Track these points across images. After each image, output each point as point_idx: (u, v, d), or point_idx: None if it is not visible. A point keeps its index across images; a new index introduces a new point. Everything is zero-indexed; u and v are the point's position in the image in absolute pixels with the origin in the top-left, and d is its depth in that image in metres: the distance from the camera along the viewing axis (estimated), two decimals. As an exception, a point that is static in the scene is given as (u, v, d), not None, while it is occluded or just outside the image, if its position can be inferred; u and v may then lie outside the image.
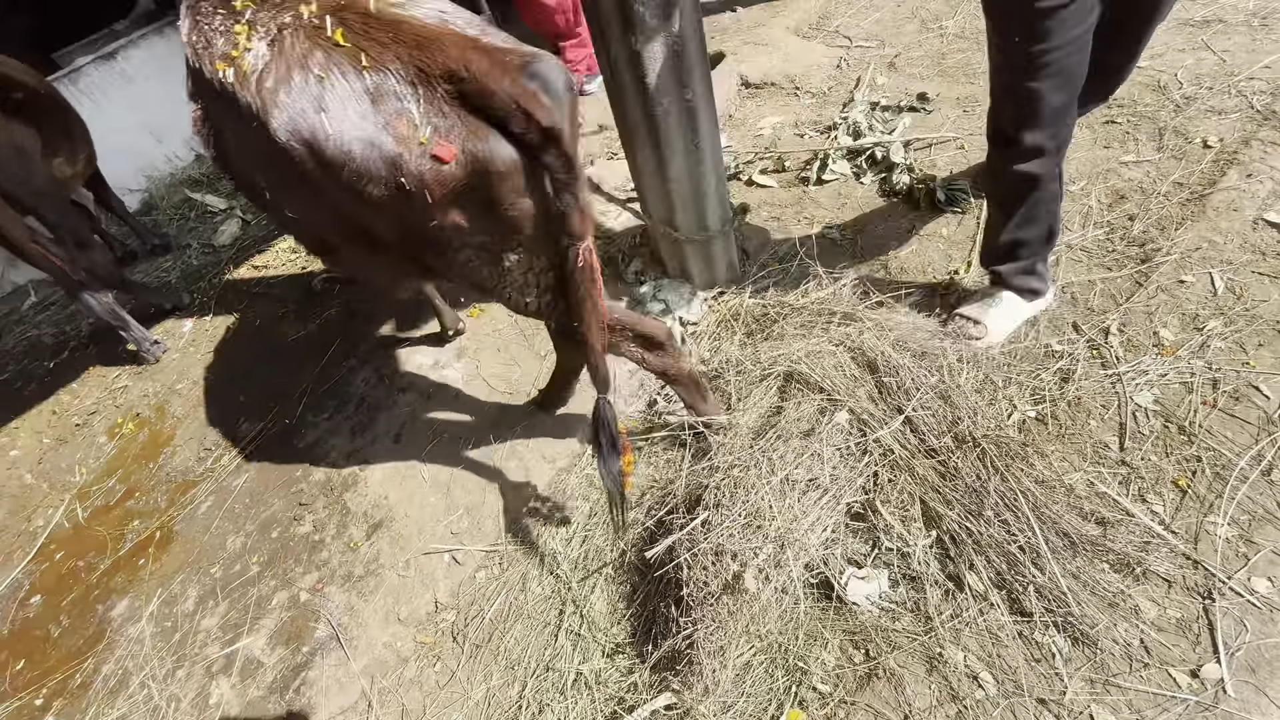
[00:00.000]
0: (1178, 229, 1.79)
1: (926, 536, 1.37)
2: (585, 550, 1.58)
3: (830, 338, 1.71)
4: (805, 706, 1.24)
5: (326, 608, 1.60)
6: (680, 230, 1.88)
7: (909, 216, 2.16)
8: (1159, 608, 1.21)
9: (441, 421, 1.94)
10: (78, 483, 2.15)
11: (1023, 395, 1.57)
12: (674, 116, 1.60)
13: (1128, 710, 1.11)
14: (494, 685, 1.42)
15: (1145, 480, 1.37)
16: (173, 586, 1.75)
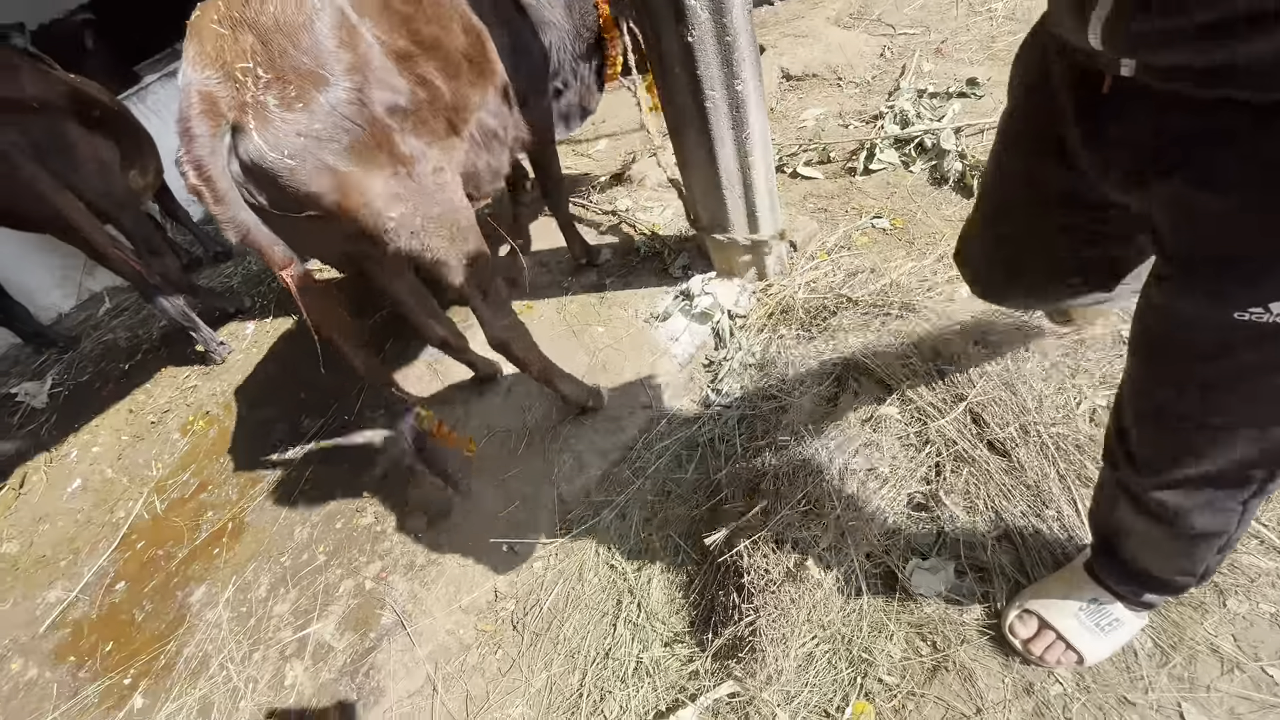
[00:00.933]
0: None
1: (995, 529, 1.33)
2: (640, 540, 1.59)
3: (889, 329, 1.68)
4: (871, 699, 1.22)
5: (391, 595, 1.65)
6: (733, 233, 1.88)
7: (962, 204, 2.11)
8: (1249, 604, 1.15)
9: (495, 416, 1.98)
10: (155, 477, 2.27)
11: (1093, 384, 1.52)
12: (724, 108, 1.61)
13: (1220, 709, 1.06)
14: (555, 673, 1.45)
15: (1231, 470, 1.30)
16: (246, 574, 1.83)
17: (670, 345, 1.96)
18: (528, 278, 2.40)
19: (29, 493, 2.43)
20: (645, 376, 1.91)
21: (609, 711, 1.34)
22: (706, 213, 1.90)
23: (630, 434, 1.82)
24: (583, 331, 2.12)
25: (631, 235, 2.40)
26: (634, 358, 1.97)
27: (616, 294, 2.19)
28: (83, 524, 2.21)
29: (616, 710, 1.34)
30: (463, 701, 1.46)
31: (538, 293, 2.32)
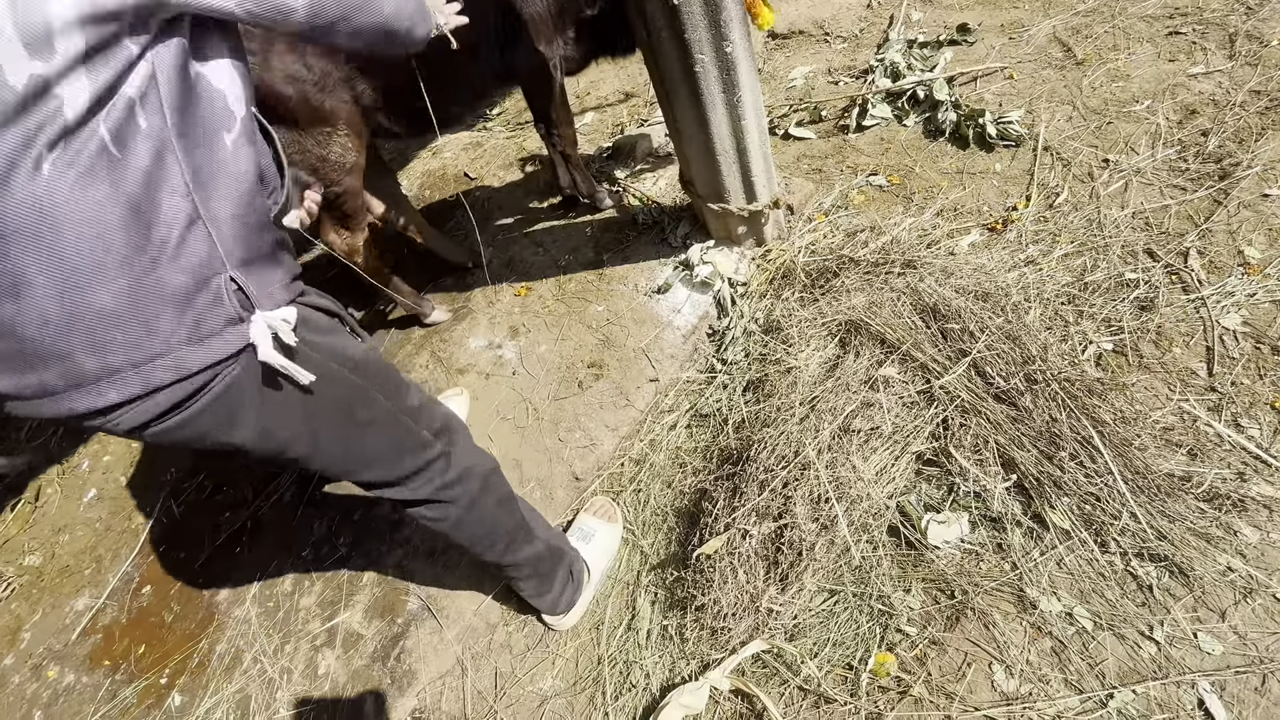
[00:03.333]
0: (1258, 140, 1.68)
1: (1005, 479, 1.35)
2: (655, 511, 1.61)
3: (891, 286, 1.68)
4: (893, 649, 1.25)
5: (414, 581, 1.67)
6: (729, 202, 1.85)
7: (958, 155, 2.09)
8: (1262, 533, 1.17)
9: (503, 400, 1.98)
10: (169, 481, 2.28)
11: (1097, 328, 1.52)
12: (713, 72, 1.57)
13: (1235, 636, 1.09)
14: (580, 644, 1.48)
15: (1238, 405, 1.31)
16: (269, 570, 1.85)
17: (673, 317, 1.96)
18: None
19: (45, 505, 2.44)
20: (649, 350, 1.91)
21: (635, 679, 1.38)
22: (702, 181, 1.87)
23: (639, 408, 1.82)
24: (583, 310, 2.11)
25: (627, 207, 2.37)
26: (637, 332, 1.96)
27: (615, 269, 2.18)
28: (102, 532, 2.23)
29: (642, 678, 1.37)
30: (492, 679, 1.49)
31: (534, 273, 2.30)
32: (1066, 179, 1.85)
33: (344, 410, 0.92)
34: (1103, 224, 1.70)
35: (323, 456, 0.94)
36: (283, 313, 0.80)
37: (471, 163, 3.07)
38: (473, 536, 1.19)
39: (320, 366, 0.86)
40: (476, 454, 1.20)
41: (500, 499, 1.22)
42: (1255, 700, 1.04)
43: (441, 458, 1.09)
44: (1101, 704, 1.09)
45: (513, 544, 1.26)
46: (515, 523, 1.26)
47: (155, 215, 0.69)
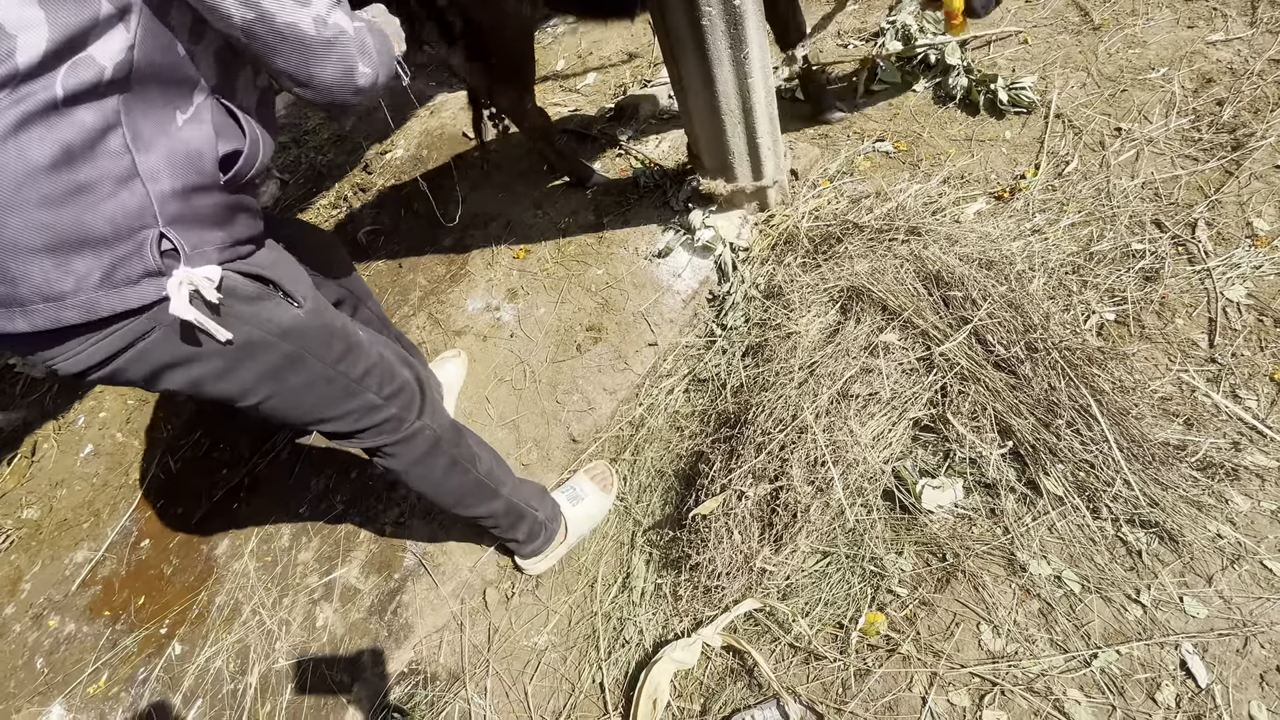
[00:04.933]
0: (1274, 110, 1.65)
1: (1001, 446, 1.35)
2: (648, 473, 1.61)
3: (895, 253, 1.66)
4: (884, 609, 1.28)
5: (411, 539, 1.69)
6: (737, 180, 1.83)
7: (968, 122, 2.04)
8: (1252, 501, 1.18)
9: (501, 362, 1.97)
10: (165, 438, 2.28)
11: (1101, 298, 1.51)
12: (720, 26, 1.52)
13: (1220, 601, 1.11)
14: (574, 601, 1.50)
15: (1238, 376, 1.31)
16: (267, 526, 1.87)
17: (673, 281, 1.94)
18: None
19: (41, 460, 2.44)
20: (649, 314, 1.89)
21: (629, 635, 1.40)
22: (707, 145, 1.83)
23: (637, 372, 1.82)
24: (583, 274, 2.09)
25: (628, 169, 2.33)
26: (636, 296, 1.94)
27: (615, 232, 2.15)
28: (99, 487, 2.24)
29: (635, 634, 1.39)
30: (487, 633, 1.52)
31: (533, 235, 2.27)
32: (1077, 147, 1.82)
33: (274, 373, 0.95)
34: (1111, 194, 1.67)
35: (266, 410, 0.99)
36: (205, 270, 0.81)
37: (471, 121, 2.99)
38: (421, 490, 1.25)
39: (245, 331, 0.88)
40: (435, 418, 1.22)
41: (451, 461, 1.25)
42: (1236, 661, 1.06)
43: (391, 420, 1.12)
44: (1085, 663, 1.11)
45: (462, 502, 1.31)
46: (467, 483, 1.29)
47: (87, 163, 0.71)
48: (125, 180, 0.74)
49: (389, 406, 1.12)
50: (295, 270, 0.99)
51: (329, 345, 1.00)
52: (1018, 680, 1.13)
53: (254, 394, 0.95)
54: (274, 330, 0.92)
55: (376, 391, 1.09)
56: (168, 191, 0.77)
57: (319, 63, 0.82)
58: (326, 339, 1.00)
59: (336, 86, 0.85)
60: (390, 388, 1.12)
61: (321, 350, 0.99)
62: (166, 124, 0.77)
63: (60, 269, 0.71)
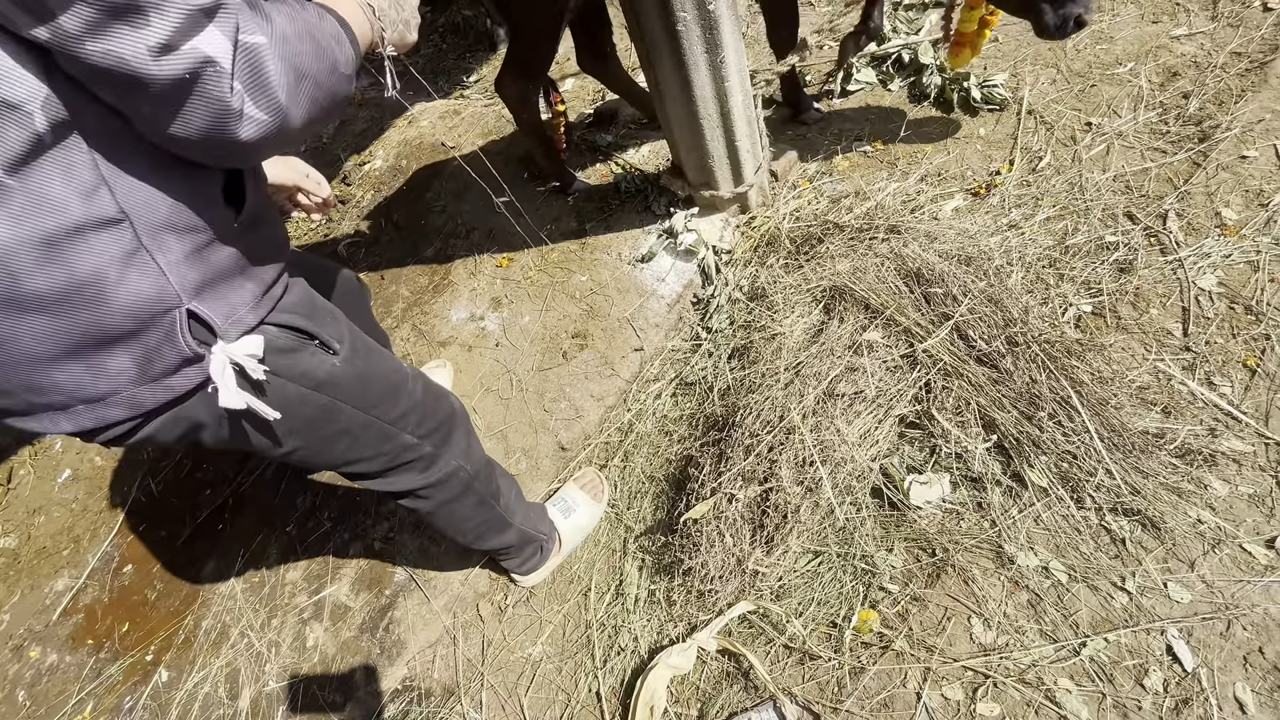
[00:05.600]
0: (1237, 102, 1.69)
1: (986, 440, 1.37)
2: (642, 478, 1.61)
3: (875, 252, 1.67)
4: (876, 606, 1.28)
5: (401, 554, 1.67)
6: (718, 188, 1.84)
7: (943, 120, 2.07)
8: (1230, 486, 1.21)
9: (487, 371, 1.96)
10: (145, 460, 2.24)
11: (1077, 291, 1.53)
12: (696, 30, 1.53)
13: (1203, 585, 1.13)
14: (568, 610, 1.49)
15: (1212, 363, 1.34)
16: (253, 546, 1.84)
17: (657, 286, 1.94)
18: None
19: (17, 487, 2.38)
20: (634, 319, 1.89)
21: (623, 642, 1.39)
22: (687, 152, 1.83)
23: (624, 377, 1.82)
24: (566, 280, 2.08)
25: (609, 174, 2.33)
26: (621, 302, 1.94)
27: (598, 238, 2.15)
28: (79, 513, 2.19)
29: (630, 642, 1.39)
30: (481, 647, 1.50)
31: (516, 243, 2.26)
32: (1050, 143, 1.85)
33: (309, 425, 0.88)
34: (1084, 187, 1.70)
35: (296, 460, 0.92)
36: (246, 345, 0.72)
37: (449, 131, 2.98)
38: (444, 527, 1.21)
39: (278, 386, 0.80)
40: (468, 455, 1.16)
41: (479, 500, 1.21)
42: (1220, 645, 1.08)
43: (422, 459, 1.07)
44: (1075, 652, 1.13)
45: (481, 537, 1.29)
46: (488, 519, 1.27)
47: (77, 251, 0.59)
48: (130, 257, 0.62)
49: (424, 445, 1.05)
50: (326, 310, 0.90)
51: (366, 391, 0.93)
52: (1009, 672, 1.14)
53: (284, 445, 0.88)
54: (309, 384, 0.85)
55: (414, 431, 1.03)
56: (179, 259, 0.66)
57: (166, 112, 0.57)
58: (364, 385, 0.92)
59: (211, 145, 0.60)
60: (430, 424, 1.06)
61: (358, 398, 0.92)
62: (148, 173, 0.63)
63: (91, 372, 0.64)
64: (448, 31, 4.11)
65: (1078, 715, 1.08)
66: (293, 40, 0.61)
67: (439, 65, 3.84)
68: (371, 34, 0.80)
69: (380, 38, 0.81)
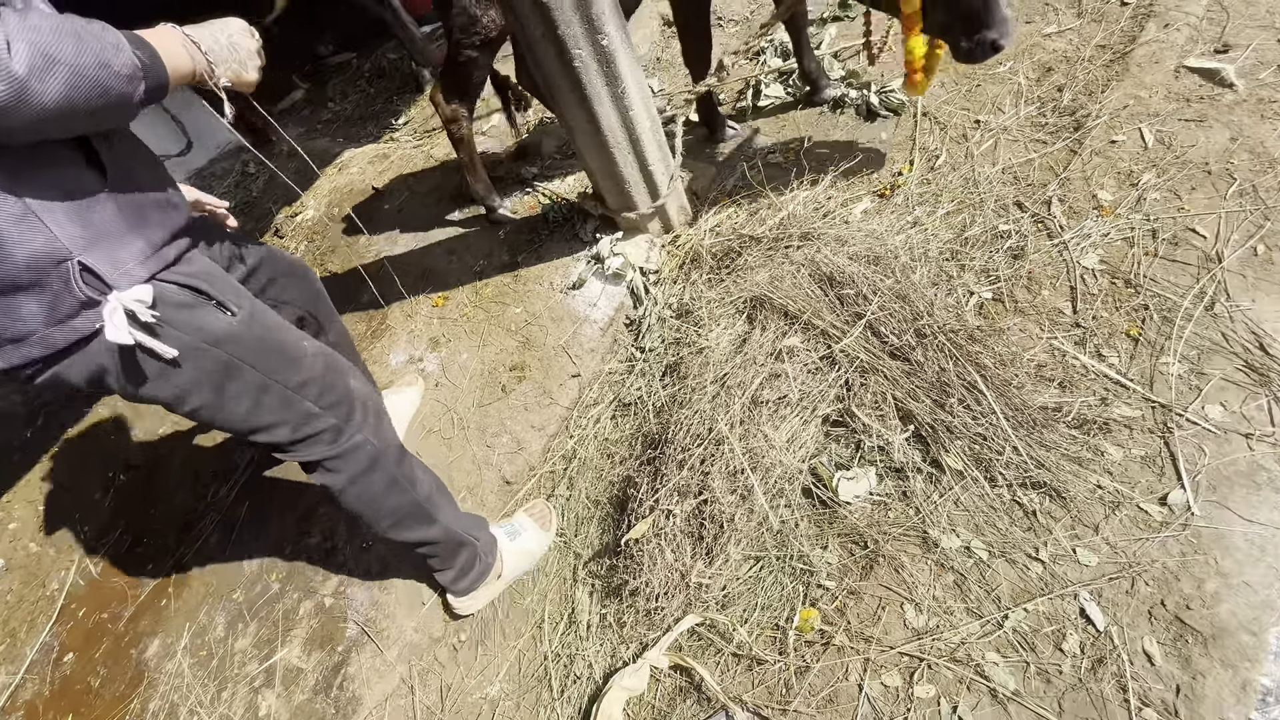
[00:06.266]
0: (1104, 91, 1.82)
1: (904, 431, 1.43)
2: (587, 503, 1.63)
3: (791, 259, 1.74)
4: (816, 604, 1.32)
5: (352, 607, 1.64)
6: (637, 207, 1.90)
7: (847, 127, 2.17)
8: (1124, 450, 1.29)
9: (428, 413, 1.96)
10: (83, 541, 2.16)
11: (978, 279, 1.62)
12: (593, 65, 1.59)
13: (1107, 547, 1.20)
14: (523, 645, 1.49)
15: (1100, 336, 1.43)
16: (199, 618, 1.78)
17: (589, 311, 1.98)
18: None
19: (-52, 585, 2.27)
20: (569, 346, 1.92)
21: (579, 670, 1.40)
22: (603, 178, 1.88)
23: (564, 404, 1.84)
24: (502, 314, 2.10)
25: (537, 205, 2.37)
26: (555, 330, 1.97)
27: (530, 269, 2.18)
28: (14, 605, 2.10)
29: (585, 669, 1.40)
30: (439, 693, 1.49)
31: (450, 281, 2.28)
32: (944, 142, 1.96)
33: (209, 378, 1.00)
34: (977, 181, 1.80)
35: (204, 417, 1.03)
36: (136, 293, 0.86)
37: (379, 175, 2.99)
38: (356, 509, 1.26)
39: (176, 338, 0.93)
40: (376, 432, 1.24)
41: (390, 480, 1.26)
42: (1127, 602, 1.14)
43: (329, 430, 1.15)
44: (998, 625, 1.18)
45: (399, 525, 1.31)
46: (404, 505, 1.30)
47: None
48: (20, 219, 0.78)
49: (327, 416, 1.15)
50: (231, 284, 1.03)
51: (265, 354, 1.05)
52: (941, 652, 1.18)
53: (189, 400, 0.99)
54: (207, 338, 0.96)
55: (315, 400, 1.13)
56: (64, 219, 0.81)
57: None
58: (263, 349, 1.04)
59: None
60: (330, 398, 1.15)
61: (257, 358, 1.03)
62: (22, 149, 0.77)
63: (9, 317, 0.81)
64: (374, 76, 4.14)
65: (1005, 686, 1.13)
66: (47, 32, 0.72)
67: (367, 110, 3.86)
68: (194, 66, 0.93)
69: (210, 72, 0.95)
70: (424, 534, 1.35)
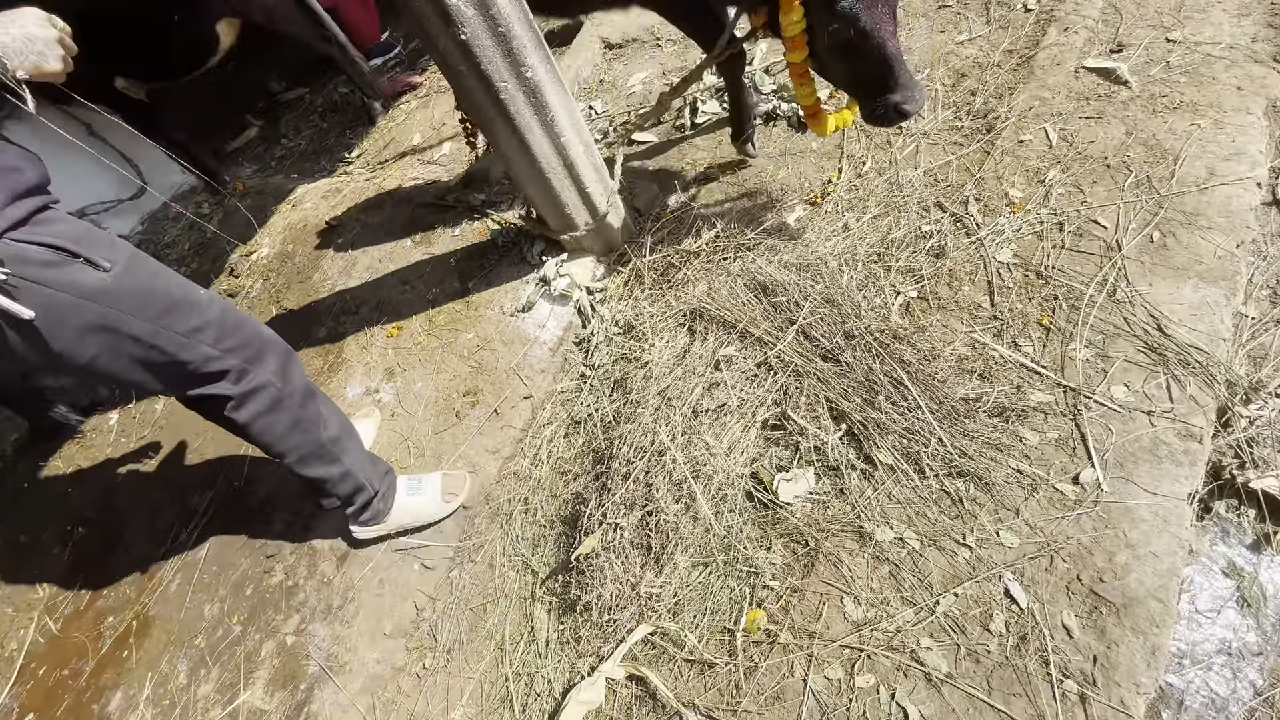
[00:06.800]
0: (1012, 94, 1.92)
1: (837, 430, 1.48)
2: (540, 524, 1.66)
3: (728, 271, 1.80)
4: (762, 605, 1.36)
5: (314, 644, 1.65)
6: (578, 227, 1.95)
7: (780, 140, 2.25)
8: (1040, 435, 1.35)
9: (385, 443, 1.97)
10: (42, 598, 2.13)
11: (903, 279, 1.69)
12: (520, 97, 1.64)
13: (1027, 528, 1.26)
14: (485, 668, 1.51)
15: (1015, 327, 1.51)
16: (161, 667, 1.77)
17: (539, 333, 2.01)
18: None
19: (-98, 654, 2.21)
20: (520, 368, 1.95)
21: (539, 688, 1.42)
22: (543, 205, 1.93)
23: (517, 426, 1.87)
24: (454, 340, 2.13)
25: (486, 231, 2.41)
26: (507, 353, 2.01)
27: (481, 294, 2.21)
28: (-28, 669, 2.06)
29: (545, 686, 1.42)
30: (405, 720, 1.50)
31: (404, 311, 2.30)
32: (869, 149, 2.04)
33: (92, 331, 1.05)
34: (901, 185, 1.89)
35: (101, 370, 1.09)
36: None
37: (332, 209, 3.01)
38: (264, 444, 1.35)
39: (45, 295, 0.97)
40: (282, 376, 1.32)
41: (294, 420, 1.35)
42: (1047, 579, 1.20)
43: (231, 372, 1.23)
44: (931, 611, 1.23)
45: (303, 461, 1.42)
46: (308, 444, 1.40)
47: None
48: None
49: (228, 359, 1.22)
50: (105, 240, 1.07)
51: (148, 303, 1.10)
52: (879, 642, 1.23)
53: (80, 354, 1.04)
54: (79, 292, 1.01)
55: (213, 344, 1.19)
56: None
57: None
58: (143, 298, 1.09)
59: None
60: (231, 341, 1.22)
61: (138, 308, 1.08)
62: None
63: None
64: (327, 110, 4.16)
65: (939, 670, 1.17)
66: None
67: (320, 145, 3.88)
68: None
69: (3, 65, 0.97)
70: (325, 472, 1.46)
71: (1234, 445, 1.29)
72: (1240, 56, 1.73)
